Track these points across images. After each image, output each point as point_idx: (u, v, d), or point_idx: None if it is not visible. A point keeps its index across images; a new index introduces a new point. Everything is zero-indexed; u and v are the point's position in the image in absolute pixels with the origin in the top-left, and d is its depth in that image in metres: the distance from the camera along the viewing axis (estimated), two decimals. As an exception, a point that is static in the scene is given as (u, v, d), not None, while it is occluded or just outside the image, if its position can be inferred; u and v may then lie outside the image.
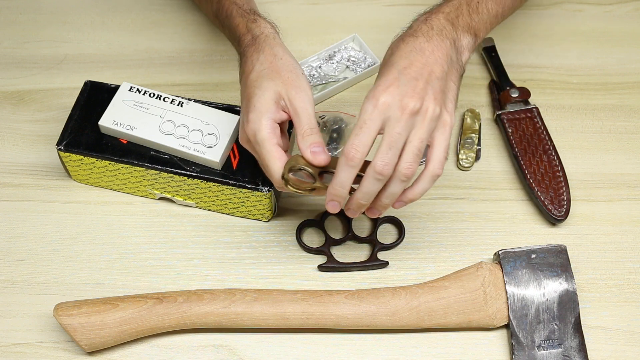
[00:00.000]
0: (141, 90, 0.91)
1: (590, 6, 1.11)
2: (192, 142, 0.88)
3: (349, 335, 0.85)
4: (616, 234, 0.92)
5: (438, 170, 0.74)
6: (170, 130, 0.88)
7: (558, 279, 0.83)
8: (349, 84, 1.03)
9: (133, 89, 0.91)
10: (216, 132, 0.88)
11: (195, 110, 0.90)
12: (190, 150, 0.87)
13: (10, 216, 0.93)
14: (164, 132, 0.88)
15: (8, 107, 1.02)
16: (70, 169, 0.93)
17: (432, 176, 0.75)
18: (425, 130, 0.72)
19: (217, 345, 0.85)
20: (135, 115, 0.89)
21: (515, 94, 0.99)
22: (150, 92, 0.91)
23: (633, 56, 1.06)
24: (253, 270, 0.90)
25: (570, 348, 0.82)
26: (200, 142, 0.87)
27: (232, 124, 0.89)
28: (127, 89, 0.91)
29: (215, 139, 0.87)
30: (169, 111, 0.89)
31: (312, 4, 1.12)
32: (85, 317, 0.80)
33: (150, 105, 0.90)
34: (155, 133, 0.88)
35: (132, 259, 0.90)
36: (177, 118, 0.89)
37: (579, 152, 0.98)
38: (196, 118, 0.89)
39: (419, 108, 0.72)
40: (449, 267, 0.89)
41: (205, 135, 0.88)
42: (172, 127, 0.88)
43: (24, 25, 1.10)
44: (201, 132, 0.88)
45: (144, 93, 0.91)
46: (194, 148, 0.87)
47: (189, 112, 0.90)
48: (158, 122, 0.89)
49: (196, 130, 0.88)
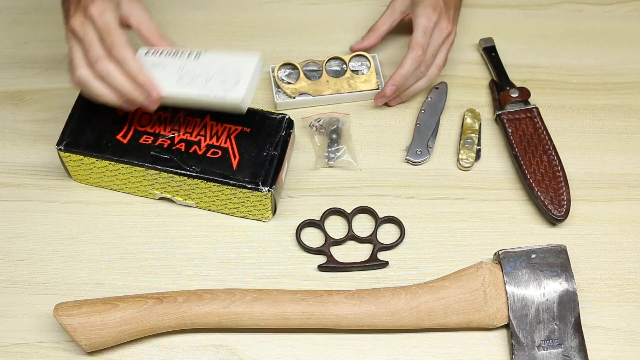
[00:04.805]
0: (158, 52, 0.89)
1: (590, 6, 1.11)
2: (211, 90, 0.86)
3: (349, 335, 0.85)
4: (616, 234, 0.92)
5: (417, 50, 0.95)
6: (189, 82, 0.86)
7: (558, 279, 0.83)
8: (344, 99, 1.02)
9: (149, 52, 0.89)
10: (236, 73, 0.86)
11: (212, 58, 0.88)
12: (210, 98, 0.85)
13: (10, 216, 0.93)
14: (182, 85, 0.86)
15: (8, 107, 1.02)
16: (70, 169, 0.93)
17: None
18: None
19: (217, 345, 0.85)
20: (154, 75, 0.87)
21: (515, 94, 0.99)
22: (166, 51, 0.89)
23: (633, 56, 1.06)
24: (253, 270, 0.90)
25: (570, 348, 0.82)
26: (220, 87, 0.85)
27: (252, 63, 0.87)
28: (143, 54, 0.89)
29: (236, 80, 0.85)
30: (187, 65, 0.87)
31: (312, 4, 1.12)
32: (85, 317, 0.80)
33: (168, 64, 0.88)
34: (174, 88, 0.86)
35: (132, 259, 0.90)
36: (195, 69, 0.87)
37: (579, 152, 0.98)
38: (213, 65, 0.87)
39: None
40: (449, 267, 0.89)
41: (225, 79, 0.86)
42: (189, 79, 0.86)
43: (24, 25, 1.10)
44: (220, 78, 0.86)
45: (160, 53, 0.88)
46: (214, 94, 0.85)
47: (205, 61, 0.87)
48: (176, 77, 0.87)
49: (215, 77, 0.86)
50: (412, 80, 0.98)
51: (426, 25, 0.95)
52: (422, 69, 0.97)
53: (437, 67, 0.98)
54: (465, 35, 1.08)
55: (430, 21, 0.95)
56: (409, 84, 0.98)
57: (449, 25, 0.97)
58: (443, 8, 0.96)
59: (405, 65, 0.95)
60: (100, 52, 0.81)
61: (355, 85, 1.01)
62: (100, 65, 0.82)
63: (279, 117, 0.92)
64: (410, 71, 0.96)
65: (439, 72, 0.98)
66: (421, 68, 0.96)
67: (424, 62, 0.96)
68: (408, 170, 0.97)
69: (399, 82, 0.96)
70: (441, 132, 1.00)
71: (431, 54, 0.96)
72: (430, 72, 0.98)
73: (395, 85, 0.96)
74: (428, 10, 0.95)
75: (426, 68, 0.97)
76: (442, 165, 0.97)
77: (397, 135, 0.99)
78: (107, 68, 0.82)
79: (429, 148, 0.97)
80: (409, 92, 0.99)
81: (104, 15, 0.81)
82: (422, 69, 0.96)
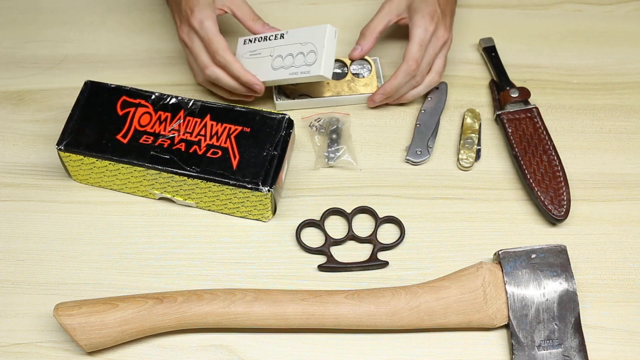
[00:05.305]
0: (252, 39, 0.98)
1: (590, 6, 1.11)
2: (298, 67, 0.94)
3: (349, 335, 0.85)
4: (616, 234, 0.92)
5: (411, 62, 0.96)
6: (280, 65, 0.95)
7: (558, 279, 0.83)
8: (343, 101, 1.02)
9: (246, 41, 0.98)
10: (314, 48, 0.93)
11: (294, 36, 0.95)
12: (298, 75, 0.93)
13: (10, 216, 0.93)
14: (275, 68, 0.95)
15: (8, 107, 1.02)
16: (70, 169, 0.93)
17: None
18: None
19: (217, 345, 0.85)
20: (253, 64, 0.97)
21: (515, 94, 0.99)
22: (258, 37, 0.97)
23: (633, 56, 1.06)
24: (253, 270, 0.90)
25: (570, 348, 0.82)
26: (304, 64, 0.93)
27: (324, 34, 0.93)
28: (242, 44, 0.99)
29: (315, 55, 0.93)
30: (276, 47, 0.96)
31: (312, 4, 1.12)
32: (85, 317, 0.80)
33: (262, 49, 0.97)
34: (270, 73, 0.95)
35: (132, 259, 0.90)
36: (283, 50, 0.95)
37: (579, 152, 0.98)
38: (296, 43, 0.95)
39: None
40: (449, 267, 0.89)
41: (306, 55, 0.93)
42: (280, 61, 0.95)
43: (24, 25, 1.10)
44: (303, 54, 0.94)
45: (254, 40, 0.98)
46: (301, 71, 0.93)
47: (290, 40, 0.95)
48: (270, 62, 0.95)
49: (299, 54, 0.94)
50: (407, 89, 0.98)
51: (423, 38, 0.95)
52: (418, 79, 0.97)
53: (437, 72, 0.98)
54: (465, 35, 1.08)
55: (428, 32, 0.95)
56: (403, 92, 0.99)
57: (445, 34, 0.97)
58: (440, 16, 0.96)
59: (398, 77, 0.96)
60: (207, 61, 0.94)
61: (356, 88, 1.01)
62: (208, 72, 0.94)
63: (279, 117, 0.92)
64: (402, 83, 0.97)
65: (439, 78, 0.99)
66: (417, 78, 0.97)
67: (420, 73, 0.97)
68: (408, 170, 0.97)
69: (388, 93, 0.98)
70: (441, 132, 1.00)
71: (427, 63, 0.97)
72: (429, 78, 0.98)
73: (384, 95, 0.98)
74: (426, 20, 0.95)
75: (422, 77, 0.98)
76: (442, 165, 0.97)
77: (397, 135, 0.99)
78: (214, 73, 0.94)
79: (429, 148, 0.97)
80: (408, 96, 0.99)
81: (203, 26, 0.92)
82: (417, 79, 0.97)
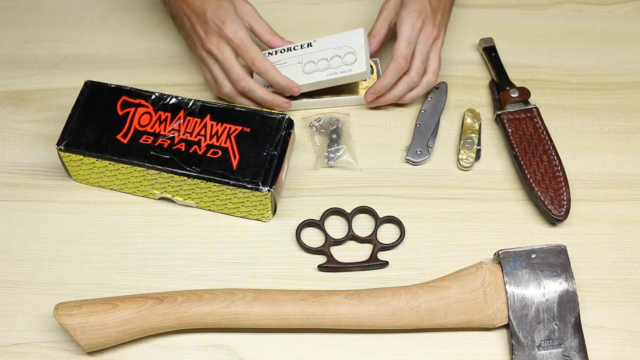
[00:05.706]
0: (274, 51, 1.00)
1: (590, 6, 1.11)
2: (336, 68, 0.96)
3: (349, 335, 0.85)
4: (616, 234, 0.92)
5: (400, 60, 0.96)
6: (313, 69, 0.97)
7: (558, 279, 0.83)
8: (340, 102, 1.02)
9: (268, 54, 0.99)
10: (351, 49, 0.97)
11: (324, 43, 0.98)
12: (338, 74, 0.96)
13: (10, 216, 0.93)
14: (308, 72, 0.97)
15: (8, 107, 1.02)
16: (70, 169, 0.93)
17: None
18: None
19: (217, 345, 0.85)
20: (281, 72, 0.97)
21: (515, 94, 0.99)
22: (281, 49, 0.99)
23: (633, 56, 1.06)
24: (253, 270, 0.90)
25: (570, 348, 0.82)
26: (343, 64, 0.96)
27: (360, 37, 0.97)
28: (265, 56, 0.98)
29: (354, 55, 0.96)
30: (304, 55, 0.98)
31: (312, 4, 1.12)
32: (85, 317, 0.80)
33: (288, 59, 0.99)
34: (302, 77, 0.97)
35: (132, 259, 0.90)
36: (314, 56, 0.98)
37: (579, 152, 0.98)
38: (328, 48, 0.98)
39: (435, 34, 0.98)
40: (449, 267, 0.89)
41: (343, 57, 0.96)
42: (313, 66, 0.97)
43: (24, 25, 1.10)
44: (340, 57, 0.97)
45: (276, 52, 0.99)
46: (341, 70, 0.96)
47: (320, 47, 0.98)
48: (300, 68, 0.98)
49: (335, 57, 0.97)
50: (404, 91, 0.98)
51: (410, 35, 0.95)
52: (415, 79, 0.97)
53: (434, 73, 0.98)
54: (465, 35, 1.08)
55: (415, 29, 0.95)
56: (401, 94, 0.98)
57: (434, 31, 0.96)
58: (429, 13, 0.96)
59: (387, 75, 0.96)
60: (241, 73, 0.95)
61: (357, 90, 1.01)
62: (242, 84, 0.95)
63: (279, 117, 0.92)
64: (392, 81, 0.96)
65: (436, 78, 0.98)
66: (414, 78, 0.97)
67: (416, 73, 0.96)
68: (408, 170, 0.97)
69: (379, 92, 0.98)
70: (441, 132, 1.00)
71: (421, 62, 0.96)
72: (426, 79, 0.98)
73: (375, 94, 0.98)
74: (413, 17, 0.95)
75: (419, 78, 0.97)
76: (442, 165, 0.97)
77: (397, 135, 0.99)
78: (248, 85, 0.95)
79: (429, 148, 0.97)
80: (407, 98, 0.99)
81: (239, 34, 0.93)
82: (415, 79, 0.97)
